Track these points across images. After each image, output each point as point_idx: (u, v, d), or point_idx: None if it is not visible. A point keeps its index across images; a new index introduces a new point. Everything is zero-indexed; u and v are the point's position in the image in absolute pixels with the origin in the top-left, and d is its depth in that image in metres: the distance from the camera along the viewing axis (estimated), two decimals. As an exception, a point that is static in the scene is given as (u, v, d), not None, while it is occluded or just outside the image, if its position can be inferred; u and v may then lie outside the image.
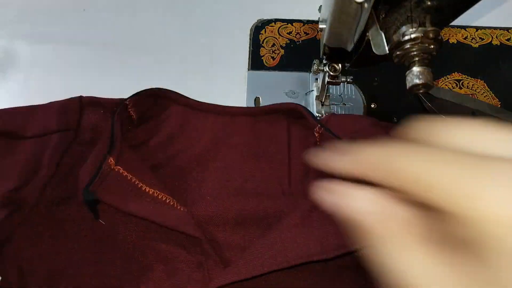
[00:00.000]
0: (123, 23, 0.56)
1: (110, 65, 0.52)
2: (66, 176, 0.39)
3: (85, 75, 0.51)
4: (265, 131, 0.43)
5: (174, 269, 0.36)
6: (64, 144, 0.40)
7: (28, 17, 0.56)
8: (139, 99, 0.42)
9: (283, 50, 0.53)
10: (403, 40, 0.29)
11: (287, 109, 0.44)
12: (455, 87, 0.50)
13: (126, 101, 0.41)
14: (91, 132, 0.41)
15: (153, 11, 0.58)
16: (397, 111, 0.48)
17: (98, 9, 0.57)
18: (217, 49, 0.54)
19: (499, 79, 0.51)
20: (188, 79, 0.50)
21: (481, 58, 0.52)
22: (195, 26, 0.56)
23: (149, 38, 0.55)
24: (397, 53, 0.30)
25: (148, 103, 0.44)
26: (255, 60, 0.52)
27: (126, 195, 0.36)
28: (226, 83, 0.51)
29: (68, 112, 0.42)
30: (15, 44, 0.54)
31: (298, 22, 0.55)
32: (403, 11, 0.29)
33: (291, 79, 0.50)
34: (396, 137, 0.18)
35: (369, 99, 0.49)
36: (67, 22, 0.56)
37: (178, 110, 0.44)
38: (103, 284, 0.35)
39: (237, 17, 0.56)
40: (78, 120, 0.42)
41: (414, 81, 0.29)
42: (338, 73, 0.41)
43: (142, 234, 0.37)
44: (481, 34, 0.54)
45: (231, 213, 0.38)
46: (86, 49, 0.53)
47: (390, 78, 0.50)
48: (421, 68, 0.28)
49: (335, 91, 0.49)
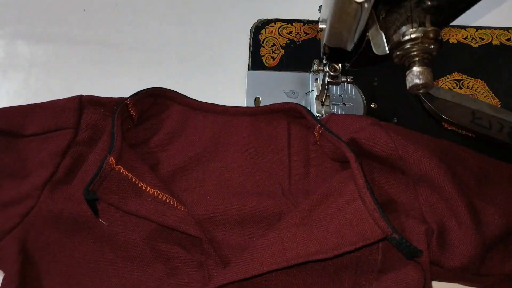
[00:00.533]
0: (123, 23, 0.56)
1: (110, 65, 0.52)
2: (66, 175, 0.39)
3: (85, 75, 0.51)
4: (265, 131, 0.43)
5: (174, 269, 0.36)
6: (64, 142, 0.40)
7: (28, 17, 0.56)
8: (139, 98, 0.42)
9: (283, 50, 0.53)
10: (403, 40, 0.29)
11: (287, 108, 0.44)
12: (455, 87, 0.50)
13: (126, 100, 0.41)
14: (91, 131, 0.41)
15: (153, 11, 0.58)
16: (397, 111, 0.48)
17: (98, 9, 0.57)
18: (217, 49, 0.54)
19: (499, 79, 0.50)
20: (188, 79, 0.50)
21: (481, 58, 0.52)
22: (195, 26, 0.56)
23: (149, 38, 0.55)
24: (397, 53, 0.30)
25: (148, 102, 0.44)
26: (255, 60, 0.52)
27: (126, 195, 0.36)
28: (226, 83, 0.51)
29: (68, 111, 0.42)
30: (15, 44, 0.54)
31: (298, 22, 0.55)
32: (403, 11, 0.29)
33: (291, 79, 0.50)
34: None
35: (369, 99, 0.49)
36: (67, 22, 0.56)
37: (178, 110, 0.44)
38: (104, 283, 0.35)
39: (237, 17, 0.56)
40: (78, 118, 0.42)
41: (414, 81, 0.29)
42: (338, 73, 0.41)
43: (142, 234, 0.37)
44: (481, 34, 0.54)
45: (231, 213, 0.38)
46: (86, 49, 0.53)
47: (390, 78, 0.50)
48: (421, 68, 0.28)
49: (335, 91, 0.49)
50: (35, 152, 0.40)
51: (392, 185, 0.39)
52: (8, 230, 0.37)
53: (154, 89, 0.44)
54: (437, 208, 0.37)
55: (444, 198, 0.37)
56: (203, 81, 0.51)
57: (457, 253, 0.35)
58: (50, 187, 0.38)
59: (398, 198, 0.38)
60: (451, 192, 0.36)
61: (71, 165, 0.40)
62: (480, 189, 0.39)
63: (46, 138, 0.41)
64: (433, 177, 0.37)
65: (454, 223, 0.36)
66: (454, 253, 0.35)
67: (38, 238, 0.37)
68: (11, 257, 0.35)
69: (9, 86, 0.51)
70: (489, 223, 0.37)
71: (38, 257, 0.36)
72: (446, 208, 0.36)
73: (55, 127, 0.41)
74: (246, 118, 0.44)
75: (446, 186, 0.36)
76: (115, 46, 0.54)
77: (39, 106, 0.43)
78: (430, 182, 0.37)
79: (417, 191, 0.38)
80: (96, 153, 0.40)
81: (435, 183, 0.37)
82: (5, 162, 0.40)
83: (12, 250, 0.36)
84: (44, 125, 0.41)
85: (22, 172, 0.40)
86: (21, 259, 0.35)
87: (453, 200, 0.36)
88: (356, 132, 0.39)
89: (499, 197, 0.39)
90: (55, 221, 0.37)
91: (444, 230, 0.36)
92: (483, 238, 0.35)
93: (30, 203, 0.38)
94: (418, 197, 0.38)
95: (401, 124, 0.47)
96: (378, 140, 0.38)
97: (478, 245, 0.35)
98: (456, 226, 0.36)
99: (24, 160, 0.40)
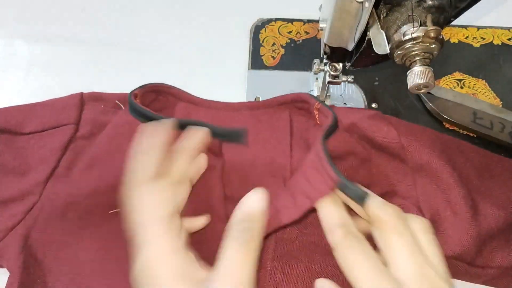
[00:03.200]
0: (123, 23, 0.56)
1: (109, 65, 0.52)
2: (67, 169, 0.39)
3: (84, 75, 0.51)
4: (267, 123, 0.43)
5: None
6: (65, 137, 0.40)
7: (28, 17, 0.56)
8: (144, 92, 0.42)
9: (284, 50, 0.53)
10: (404, 40, 0.28)
11: (290, 99, 0.43)
12: (456, 86, 0.50)
13: (135, 90, 0.41)
14: (91, 126, 0.41)
15: (153, 11, 0.57)
16: (398, 111, 0.48)
17: (98, 9, 0.57)
18: (217, 49, 0.54)
19: (500, 78, 0.50)
20: (188, 78, 0.50)
21: (482, 57, 0.52)
22: (195, 26, 0.56)
23: (149, 38, 0.55)
24: (398, 53, 0.29)
25: (150, 98, 0.44)
26: (255, 59, 0.52)
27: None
28: (226, 83, 0.50)
29: (69, 107, 0.42)
30: (15, 44, 0.54)
31: (298, 21, 0.55)
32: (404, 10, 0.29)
33: (292, 78, 0.50)
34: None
35: (370, 99, 0.49)
36: (66, 22, 0.56)
37: (180, 106, 0.44)
38: (111, 282, 0.35)
39: (237, 17, 0.56)
40: (79, 114, 0.41)
41: (415, 81, 0.28)
42: (338, 72, 0.41)
43: None
44: (482, 34, 0.54)
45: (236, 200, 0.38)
46: (86, 49, 0.53)
47: (391, 78, 0.50)
48: (422, 68, 0.28)
49: (335, 91, 0.49)
50: (36, 148, 0.40)
51: (390, 172, 0.39)
52: (11, 227, 0.36)
53: (159, 85, 0.44)
54: (434, 198, 0.37)
55: (441, 188, 0.37)
56: (203, 81, 0.50)
57: (450, 242, 0.35)
58: (52, 182, 0.38)
59: (396, 185, 0.38)
60: (449, 183, 0.37)
61: (73, 159, 0.39)
62: (481, 182, 0.39)
63: (47, 134, 0.41)
64: (432, 167, 0.37)
65: (450, 213, 0.36)
66: (447, 242, 0.35)
67: (42, 235, 0.36)
68: (14, 255, 0.35)
69: (8, 86, 0.50)
70: (487, 214, 0.37)
71: (41, 255, 0.36)
72: (442, 197, 0.37)
73: (56, 123, 0.41)
74: (248, 112, 0.44)
75: (445, 176, 0.37)
76: (115, 46, 0.54)
77: (39, 104, 0.43)
78: (429, 172, 0.37)
79: (415, 180, 0.38)
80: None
81: (434, 173, 0.37)
82: (5, 159, 0.40)
83: (15, 247, 0.35)
84: (45, 122, 0.41)
85: (23, 169, 0.40)
86: (23, 256, 0.35)
87: (450, 190, 0.36)
88: (359, 119, 0.40)
89: (499, 190, 0.39)
90: (59, 219, 0.37)
91: (439, 219, 0.36)
92: (480, 229, 0.35)
93: (32, 199, 0.37)
94: (416, 186, 0.38)
95: (402, 124, 0.47)
96: (381, 127, 0.39)
97: (473, 234, 0.35)
98: (451, 215, 0.36)
99: (24, 156, 0.40)
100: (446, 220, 0.36)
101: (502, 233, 0.37)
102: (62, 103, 0.42)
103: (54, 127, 0.41)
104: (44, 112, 0.42)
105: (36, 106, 0.42)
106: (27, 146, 0.41)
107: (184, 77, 0.50)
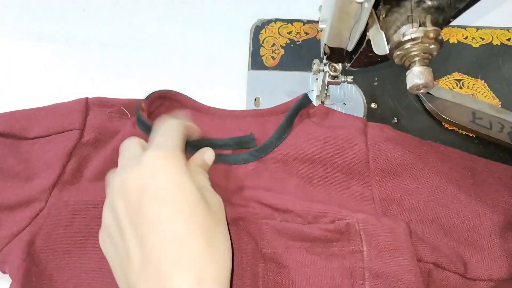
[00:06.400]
0: (123, 23, 0.56)
1: (109, 65, 0.52)
2: (73, 176, 0.39)
3: (84, 75, 0.51)
4: (272, 130, 0.43)
5: None
6: (71, 143, 0.40)
7: (28, 17, 0.56)
8: (150, 102, 0.43)
9: (283, 50, 0.53)
10: (404, 40, 0.29)
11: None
12: (456, 87, 0.50)
13: (142, 104, 0.42)
14: (97, 132, 0.41)
15: (153, 11, 0.58)
16: (398, 111, 0.48)
17: (98, 9, 0.57)
18: (217, 49, 0.54)
19: (500, 79, 0.50)
20: (188, 79, 0.50)
21: (481, 58, 0.52)
22: (195, 26, 0.56)
23: (149, 38, 0.55)
24: (397, 53, 0.30)
25: (156, 105, 0.44)
26: (255, 60, 0.52)
27: None
28: (226, 83, 0.51)
29: (74, 112, 0.41)
30: (15, 44, 0.54)
31: (298, 22, 0.55)
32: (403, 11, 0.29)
33: (291, 79, 0.50)
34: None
35: (370, 99, 0.49)
36: (66, 22, 0.56)
37: (186, 113, 0.44)
38: None
39: (237, 17, 0.56)
40: (84, 120, 0.41)
41: (415, 81, 0.29)
42: (338, 73, 0.41)
43: None
44: (482, 34, 0.54)
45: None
46: (86, 49, 0.53)
47: (390, 78, 0.50)
48: (422, 68, 0.28)
49: (335, 91, 0.49)
50: (40, 153, 0.40)
51: (347, 198, 0.39)
52: (15, 233, 0.36)
53: (165, 91, 0.44)
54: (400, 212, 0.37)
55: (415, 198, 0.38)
56: (203, 81, 0.51)
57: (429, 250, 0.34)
58: (59, 189, 0.38)
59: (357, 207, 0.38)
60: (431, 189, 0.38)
61: (78, 166, 0.39)
62: (466, 186, 0.39)
63: (52, 139, 0.40)
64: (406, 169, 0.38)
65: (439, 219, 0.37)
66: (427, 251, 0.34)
67: (46, 242, 0.36)
68: (17, 261, 0.35)
69: (9, 86, 0.51)
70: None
71: (44, 263, 0.36)
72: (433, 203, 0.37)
73: (61, 128, 0.41)
74: (253, 119, 0.44)
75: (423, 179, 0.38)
76: (115, 46, 0.54)
77: (43, 109, 0.42)
78: (397, 176, 0.38)
79: (375, 201, 0.38)
80: (107, 151, 0.40)
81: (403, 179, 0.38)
82: (9, 164, 0.40)
83: (18, 253, 0.35)
84: (49, 127, 0.41)
85: (27, 174, 0.39)
86: (26, 264, 0.35)
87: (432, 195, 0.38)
88: (336, 127, 0.41)
89: (486, 196, 0.38)
90: (64, 227, 0.37)
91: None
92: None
93: (38, 206, 0.37)
94: (375, 206, 0.38)
95: (401, 124, 0.47)
96: (354, 144, 0.39)
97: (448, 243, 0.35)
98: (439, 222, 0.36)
99: (29, 161, 0.40)
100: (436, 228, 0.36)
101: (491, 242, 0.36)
102: (67, 108, 0.42)
103: (58, 132, 0.41)
104: (48, 116, 0.41)
105: (40, 110, 0.42)
106: (31, 151, 0.40)
107: (185, 78, 0.51)
